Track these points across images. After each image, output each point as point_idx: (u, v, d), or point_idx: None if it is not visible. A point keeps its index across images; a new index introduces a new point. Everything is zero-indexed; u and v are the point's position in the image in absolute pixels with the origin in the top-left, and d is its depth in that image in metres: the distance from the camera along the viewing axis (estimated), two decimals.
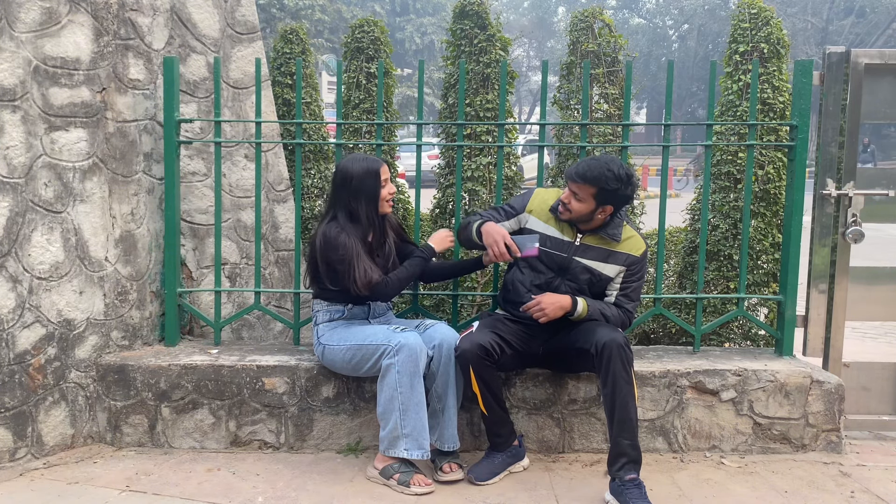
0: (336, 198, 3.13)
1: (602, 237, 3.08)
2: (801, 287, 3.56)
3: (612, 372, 2.84)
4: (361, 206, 3.09)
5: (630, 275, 3.11)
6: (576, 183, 2.96)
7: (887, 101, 3.59)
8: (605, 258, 3.08)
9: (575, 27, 4.23)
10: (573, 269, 3.08)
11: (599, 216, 3.02)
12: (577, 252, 3.09)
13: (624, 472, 2.80)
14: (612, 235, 3.07)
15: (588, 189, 2.95)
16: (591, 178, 2.92)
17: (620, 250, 3.09)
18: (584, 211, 3.00)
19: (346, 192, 3.10)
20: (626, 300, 3.13)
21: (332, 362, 3.18)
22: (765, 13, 3.92)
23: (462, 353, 2.96)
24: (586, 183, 2.94)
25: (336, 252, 3.02)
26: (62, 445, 3.22)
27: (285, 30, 4.72)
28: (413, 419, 2.95)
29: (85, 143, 3.25)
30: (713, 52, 32.74)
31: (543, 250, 3.09)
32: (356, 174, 3.09)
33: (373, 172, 3.10)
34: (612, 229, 3.07)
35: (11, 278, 3.03)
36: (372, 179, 3.10)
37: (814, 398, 3.31)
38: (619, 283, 3.12)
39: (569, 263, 3.08)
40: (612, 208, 3.02)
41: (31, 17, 3.10)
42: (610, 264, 3.09)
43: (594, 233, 3.08)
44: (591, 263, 3.08)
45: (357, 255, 3.02)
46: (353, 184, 3.09)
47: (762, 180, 3.90)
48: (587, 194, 2.96)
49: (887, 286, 3.68)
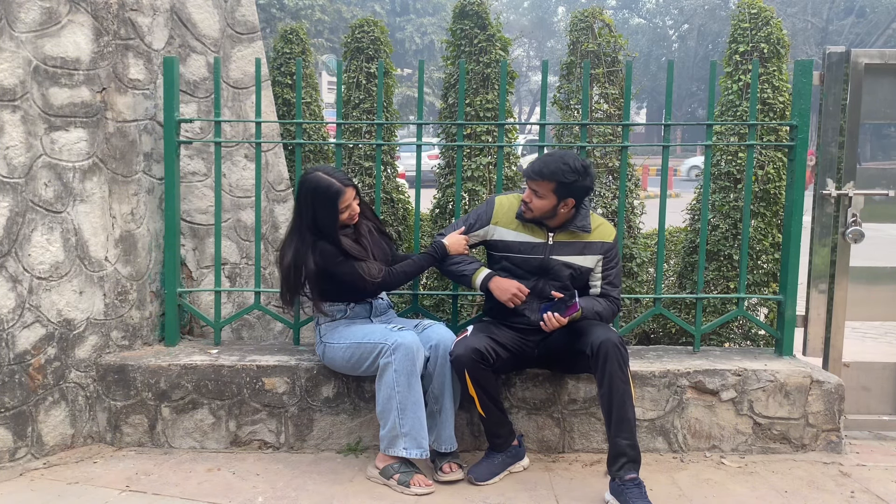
0: (301, 213, 3.10)
1: (573, 231, 3.10)
2: (801, 287, 3.56)
3: (608, 372, 2.84)
4: (326, 226, 3.06)
5: (608, 261, 3.14)
6: (534, 181, 2.99)
7: (887, 101, 3.59)
8: (581, 250, 3.10)
9: (575, 27, 4.24)
10: (553, 268, 3.09)
11: (562, 210, 3.03)
12: (552, 251, 3.09)
13: (624, 472, 2.80)
14: (581, 227, 3.09)
15: (547, 185, 2.97)
16: (548, 174, 2.96)
17: (594, 240, 3.11)
18: (547, 207, 3.01)
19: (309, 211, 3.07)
20: (610, 287, 3.15)
21: (333, 360, 3.18)
22: (765, 13, 3.92)
23: (457, 357, 2.96)
24: (544, 179, 2.97)
25: (333, 261, 3.03)
26: (62, 445, 3.22)
27: (285, 30, 4.72)
28: (411, 418, 2.95)
29: (85, 143, 3.25)
30: (713, 52, 32.74)
31: (519, 256, 3.11)
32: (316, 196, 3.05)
33: (331, 200, 3.04)
34: (580, 221, 3.09)
35: (11, 278, 3.03)
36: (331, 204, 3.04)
37: (814, 398, 3.31)
38: (601, 273, 3.14)
39: (547, 264, 3.09)
40: (574, 201, 3.03)
41: (31, 17, 3.10)
42: (587, 255, 3.11)
43: (563, 228, 3.09)
44: (569, 259, 3.09)
45: (345, 258, 3.03)
46: (315, 204, 3.05)
47: (762, 180, 3.90)
48: (547, 190, 2.98)
49: (887, 286, 3.68)
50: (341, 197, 3.05)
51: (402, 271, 3.15)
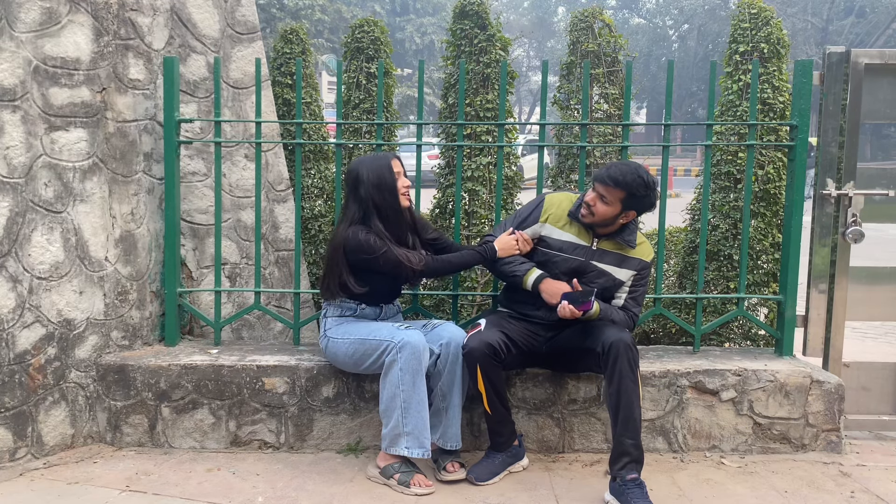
0: (356, 199, 3.10)
1: (618, 242, 3.09)
2: (801, 287, 3.56)
3: (618, 371, 2.84)
4: (385, 198, 3.07)
5: (639, 279, 3.14)
6: (606, 186, 2.96)
7: (887, 101, 3.59)
8: (620, 263, 3.10)
9: (575, 27, 4.24)
10: (589, 273, 3.09)
11: (621, 221, 3.04)
12: (594, 256, 3.10)
13: (626, 472, 2.81)
14: (627, 241, 3.09)
15: (617, 193, 2.95)
16: (623, 184, 2.93)
17: (634, 255, 3.11)
18: (609, 215, 3.00)
19: (364, 191, 3.07)
20: (633, 304, 3.14)
21: (335, 356, 3.18)
22: (765, 13, 3.92)
23: (470, 351, 2.96)
24: (617, 187, 2.94)
25: (371, 252, 3.01)
26: (62, 445, 3.22)
27: (285, 30, 4.72)
28: (415, 417, 2.95)
29: (85, 143, 3.25)
30: (713, 52, 32.71)
31: (560, 255, 3.10)
32: (371, 172, 3.08)
33: (386, 167, 3.09)
34: (628, 235, 3.09)
35: (11, 278, 3.03)
36: (387, 173, 3.08)
37: (814, 398, 3.31)
38: (629, 288, 3.14)
39: (586, 267, 3.09)
40: (635, 214, 3.04)
41: (31, 17, 3.10)
42: (624, 269, 3.11)
43: (610, 238, 3.10)
44: (607, 267, 3.09)
45: (389, 246, 3.03)
46: (370, 179, 3.07)
47: (762, 180, 3.90)
48: (615, 198, 2.96)
49: (887, 286, 3.68)
50: (392, 160, 3.11)
51: (448, 261, 3.15)
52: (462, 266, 3.21)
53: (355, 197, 3.10)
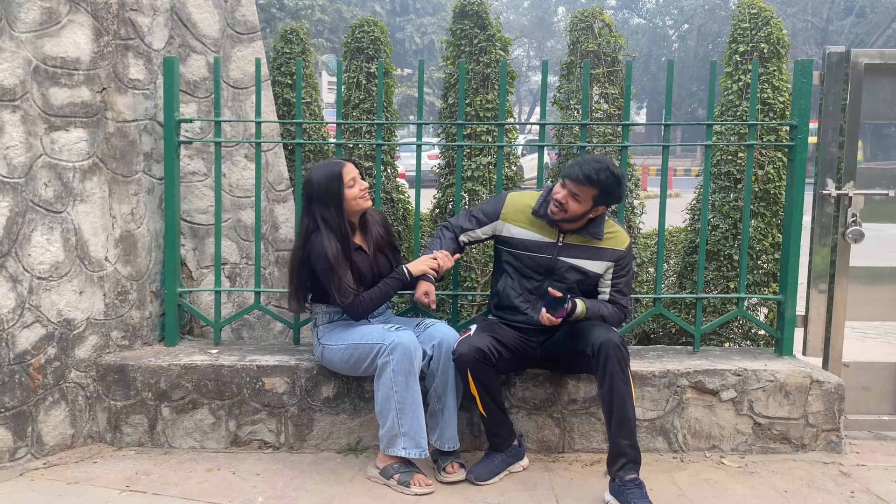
0: (307, 208, 3.10)
1: (584, 236, 3.07)
2: (801, 287, 3.56)
3: (609, 372, 2.83)
4: (331, 211, 3.05)
5: (619, 269, 3.11)
6: (580, 184, 2.92)
7: (887, 101, 3.59)
8: (591, 255, 3.07)
9: (575, 27, 4.24)
10: (559, 270, 3.08)
11: (590, 216, 3.02)
12: (561, 252, 3.08)
13: (624, 473, 2.80)
14: (594, 234, 3.06)
15: (591, 191, 2.93)
16: (598, 182, 2.90)
17: (605, 246, 3.09)
18: (580, 212, 2.98)
19: (314, 202, 3.07)
20: (619, 295, 3.12)
21: (332, 362, 3.18)
22: (765, 13, 3.92)
23: (459, 356, 2.95)
24: (591, 185, 2.91)
25: (319, 264, 3.03)
26: (62, 445, 3.22)
27: (285, 30, 4.72)
28: (410, 418, 2.95)
29: (85, 143, 3.25)
30: (713, 52, 32.71)
31: (527, 254, 3.10)
32: (318, 181, 3.06)
33: (335, 176, 3.05)
34: (594, 227, 3.06)
35: (11, 278, 3.03)
36: (335, 184, 3.05)
37: (814, 398, 3.31)
38: (610, 280, 3.11)
39: (554, 264, 3.08)
40: (605, 208, 3.02)
41: (31, 17, 3.10)
42: (598, 261, 3.08)
43: (577, 232, 3.07)
44: (577, 262, 3.07)
45: (338, 267, 3.01)
46: (319, 191, 3.06)
47: (762, 180, 3.90)
48: (588, 196, 2.95)
49: (887, 286, 3.68)
50: (343, 168, 3.06)
51: (370, 297, 3.11)
52: (386, 296, 3.15)
53: (307, 206, 3.10)
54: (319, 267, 3.03)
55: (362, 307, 3.10)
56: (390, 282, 3.16)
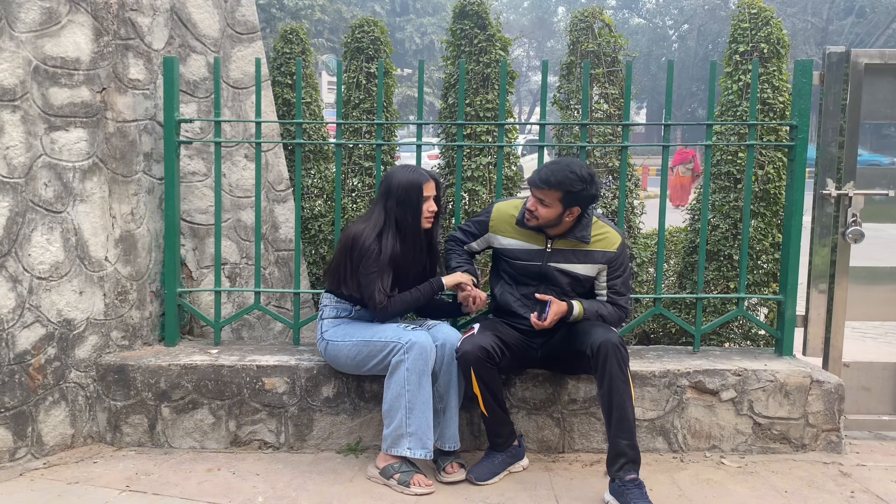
0: (382, 207, 3.11)
1: (571, 240, 3.07)
2: (801, 287, 3.56)
3: (608, 372, 2.84)
4: (407, 216, 3.07)
5: (613, 270, 3.11)
6: (540, 189, 2.95)
7: (887, 101, 3.59)
8: (581, 259, 3.08)
9: (575, 27, 4.24)
10: (551, 276, 3.09)
11: (567, 219, 3.02)
12: (550, 258, 3.09)
13: (624, 473, 2.80)
14: (581, 238, 3.06)
15: (554, 194, 2.94)
16: (556, 183, 2.92)
17: (595, 249, 3.09)
18: (552, 216, 2.99)
19: (390, 204, 3.08)
20: (616, 296, 3.13)
21: (336, 358, 3.18)
22: (765, 13, 3.92)
23: (463, 354, 2.96)
24: (551, 188, 2.93)
25: (362, 259, 3.02)
26: (62, 445, 3.22)
27: (285, 30, 4.72)
28: (419, 418, 2.95)
29: (85, 143, 3.25)
30: (713, 52, 32.73)
31: (519, 263, 3.11)
32: (401, 187, 3.07)
33: (416, 187, 3.07)
34: (580, 231, 3.06)
35: (11, 278, 3.03)
36: (415, 194, 3.07)
37: (814, 398, 3.31)
38: (605, 282, 3.12)
39: (545, 271, 3.09)
40: (580, 209, 3.01)
41: (31, 17, 3.10)
42: (588, 264, 3.09)
43: (563, 237, 3.08)
44: (567, 266, 3.08)
45: (381, 269, 3.01)
46: (398, 193, 3.07)
47: (762, 180, 3.90)
48: (553, 199, 2.95)
49: (887, 286, 3.68)
50: (426, 183, 3.08)
51: (402, 300, 3.11)
52: (416, 302, 3.15)
53: (383, 205, 3.11)
54: (369, 260, 3.02)
55: (390, 310, 3.09)
56: (424, 289, 3.16)
